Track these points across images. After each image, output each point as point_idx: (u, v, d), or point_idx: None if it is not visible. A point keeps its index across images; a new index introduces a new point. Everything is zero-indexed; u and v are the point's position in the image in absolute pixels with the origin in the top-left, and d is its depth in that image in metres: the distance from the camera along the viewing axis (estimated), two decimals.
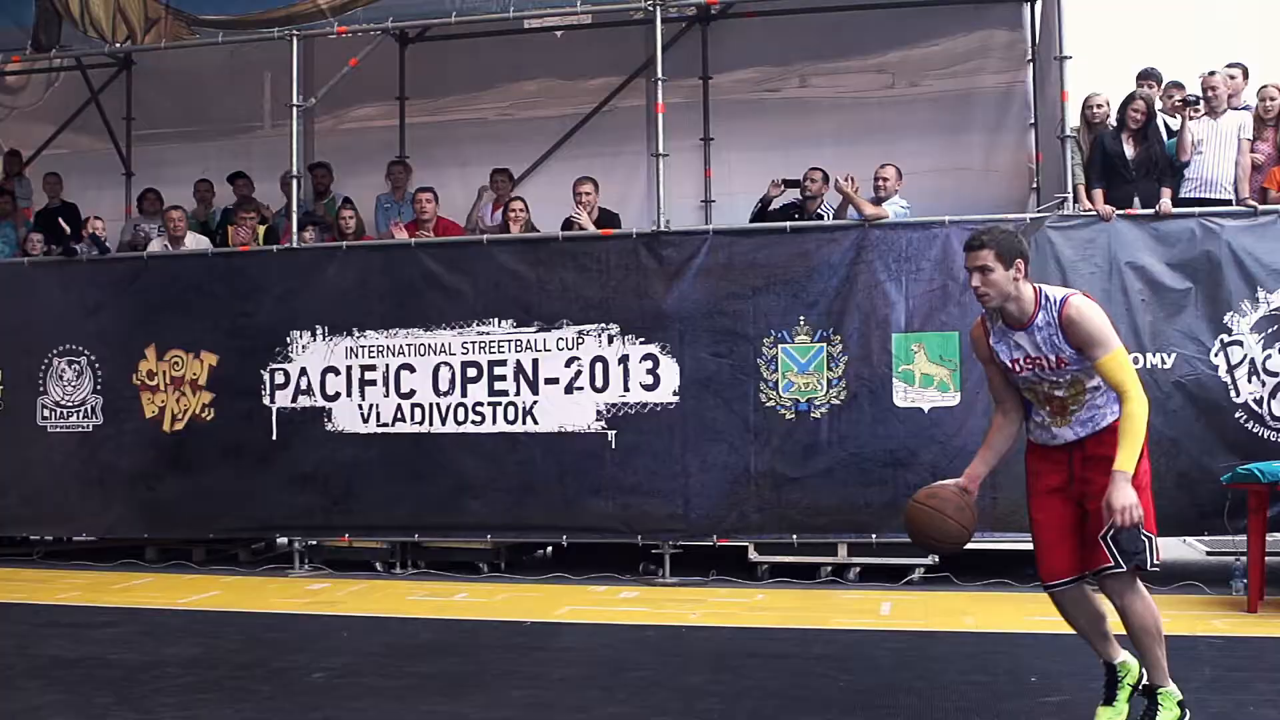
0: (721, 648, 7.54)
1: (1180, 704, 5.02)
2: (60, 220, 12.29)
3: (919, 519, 5.25)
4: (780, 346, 10.14)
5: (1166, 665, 5.04)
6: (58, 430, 11.70)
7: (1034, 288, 5.03)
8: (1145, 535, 4.88)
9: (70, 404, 11.66)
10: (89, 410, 11.61)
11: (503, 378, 10.54)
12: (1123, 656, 5.18)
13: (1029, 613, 8.22)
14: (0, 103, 14.58)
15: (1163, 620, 5.06)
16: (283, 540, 11.74)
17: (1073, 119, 10.29)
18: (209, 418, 11.26)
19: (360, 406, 10.85)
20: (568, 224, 10.93)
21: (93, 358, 11.65)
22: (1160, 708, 5.00)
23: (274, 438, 11.06)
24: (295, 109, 11.32)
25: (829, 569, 10.16)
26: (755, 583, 10.08)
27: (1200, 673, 6.36)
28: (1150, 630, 4.99)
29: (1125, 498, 4.71)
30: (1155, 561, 4.95)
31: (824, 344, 10.08)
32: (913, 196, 10.60)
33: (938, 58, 12.32)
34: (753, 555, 10.25)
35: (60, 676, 6.88)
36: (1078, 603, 5.16)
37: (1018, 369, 5.11)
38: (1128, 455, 4.77)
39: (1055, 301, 4.97)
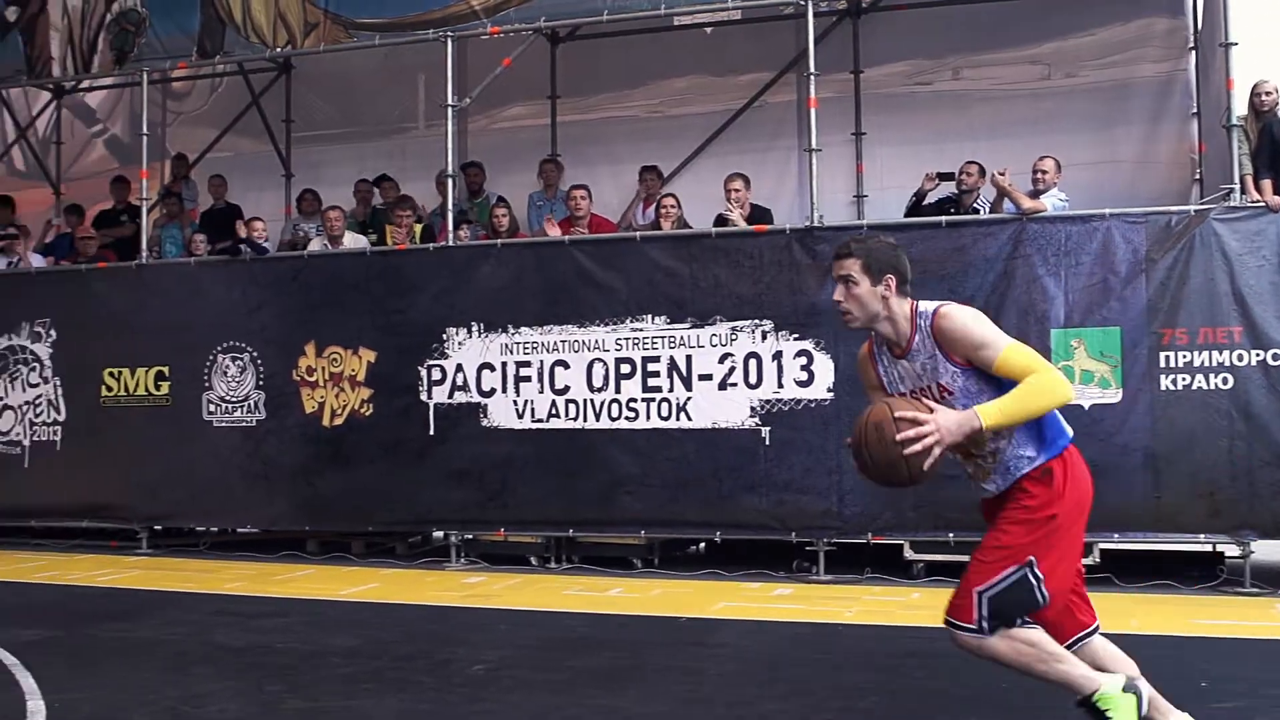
0: (878, 646, 7.49)
1: (1125, 688, 4.48)
2: (239, 223, 12.61)
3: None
4: None
5: (1083, 671, 4.50)
6: (222, 425, 12.03)
7: (911, 307, 4.54)
8: (1031, 581, 4.37)
9: (234, 399, 11.97)
10: (252, 405, 11.91)
11: (656, 374, 10.55)
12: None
13: (1195, 615, 8.03)
14: (168, 108, 15.05)
15: (1039, 634, 4.51)
16: (439, 534, 11.93)
17: (1239, 107, 9.99)
18: (367, 413, 11.46)
19: (515, 403, 10.95)
20: (719, 220, 10.92)
21: (255, 354, 11.94)
22: (1107, 712, 4.45)
23: (431, 433, 11.21)
24: (450, 109, 11.49)
25: None
26: (910, 581, 9.98)
27: None
28: (1035, 660, 4.44)
29: (943, 424, 4.25)
30: (1022, 619, 4.43)
31: None
32: (1069, 189, 10.40)
33: (1094, 47, 12.06)
34: (908, 553, 10.14)
35: (231, 663, 7.10)
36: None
37: None
38: (1000, 407, 4.28)
39: (928, 316, 4.47)
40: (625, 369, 10.66)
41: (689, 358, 10.50)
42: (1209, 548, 9.92)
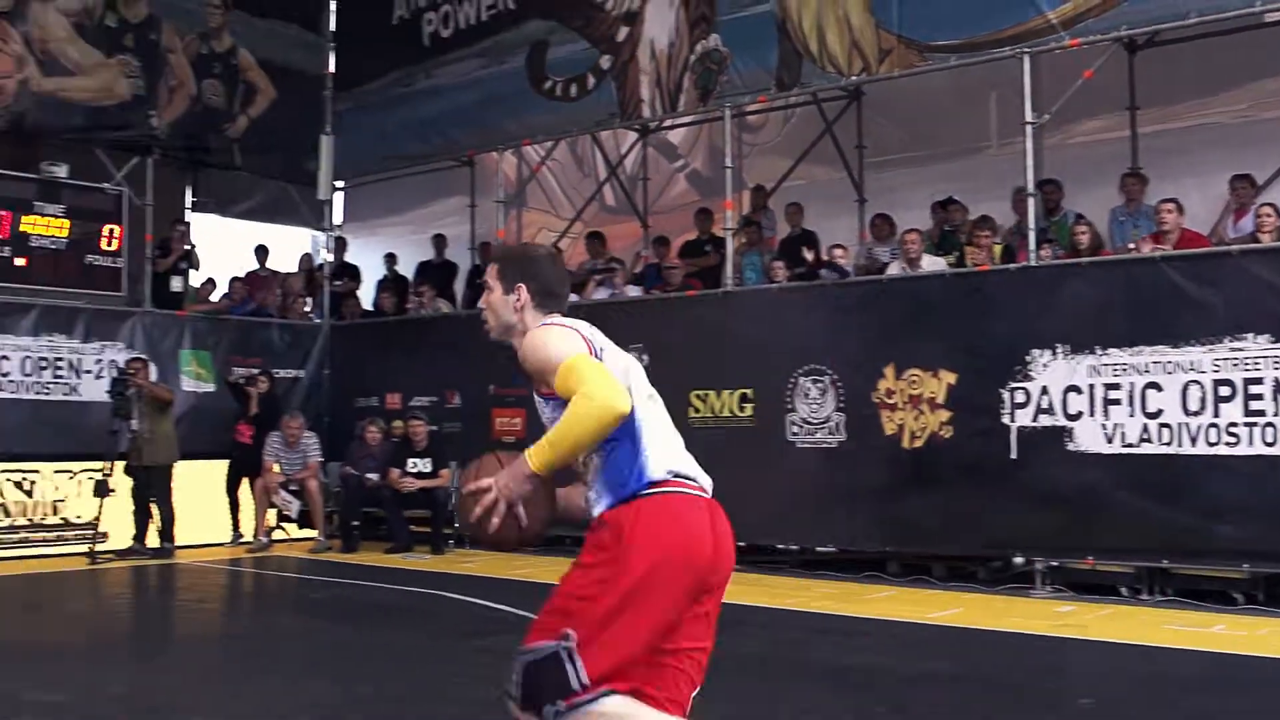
0: None
1: None
2: (804, 249, 13.03)
3: None
4: None
5: None
6: (805, 446, 12.36)
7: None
8: (572, 669, 3.49)
9: (815, 421, 12.28)
10: (833, 427, 12.16)
11: (1259, 396, 9.87)
12: None
13: None
14: (743, 140, 15.71)
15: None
16: (1018, 560, 11.68)
17: None
18: (947, 436, 11.43)
19: (1104, 426, 10.55)
20: None
21: (835, 377, 12.19)
22: None
23: (1013, 456, 11.01)
24: (1028, 126, 11.32)
25: None
26: None
27: None
28: None
29: (501, 479, 3.58)
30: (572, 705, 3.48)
31: None
32: None
33: None
34: None
35: (831, 681, 7.31)
36: None
37: None
38: (548, 440, 3.53)
39: None
40: (1224, 391, 10.03)
41: None
42: None
